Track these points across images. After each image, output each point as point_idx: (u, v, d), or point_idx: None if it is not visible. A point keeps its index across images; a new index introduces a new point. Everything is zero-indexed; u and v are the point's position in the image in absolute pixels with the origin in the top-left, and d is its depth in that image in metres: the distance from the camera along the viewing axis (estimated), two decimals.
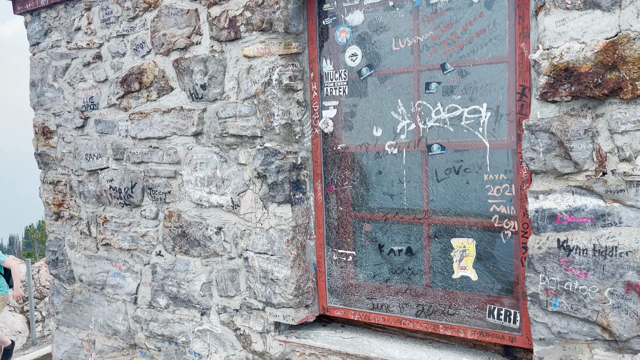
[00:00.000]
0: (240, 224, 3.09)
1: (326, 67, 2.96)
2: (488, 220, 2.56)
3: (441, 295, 2.73)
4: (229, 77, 3.03)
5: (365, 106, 2.88)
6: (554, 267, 2.15)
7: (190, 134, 3.22)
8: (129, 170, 3.57)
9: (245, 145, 3.02)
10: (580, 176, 2.07)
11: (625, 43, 1.93)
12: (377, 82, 2.84)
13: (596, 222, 2.06)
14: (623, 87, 1.94)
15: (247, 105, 2.97)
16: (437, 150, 2.67)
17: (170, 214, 3.37)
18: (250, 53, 2.93)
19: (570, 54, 2.03)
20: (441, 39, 2.63)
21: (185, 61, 3.19)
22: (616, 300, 2.03)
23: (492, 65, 2.50)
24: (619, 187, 2.00)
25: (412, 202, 2.80)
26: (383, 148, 2.84)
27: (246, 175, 3.03)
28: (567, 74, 2.04)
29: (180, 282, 3.39)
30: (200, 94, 3.15)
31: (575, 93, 2.02)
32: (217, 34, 3.03)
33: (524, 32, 2.35)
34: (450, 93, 2.62)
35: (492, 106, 2.51)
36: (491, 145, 2.52)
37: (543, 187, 2.17)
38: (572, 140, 2.05)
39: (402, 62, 2.74)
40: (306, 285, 2.99)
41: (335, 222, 3.03)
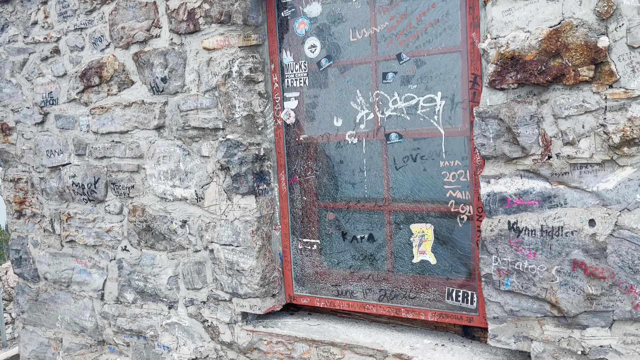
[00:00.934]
0: (204, 216, 3.10)
1: (286, 59, 2.99)
2: (445, 206, 2.64)
3: (402, 280, 2.80)
4: (189, 69, 3.03)
5: (326, 97, 2.92)
6: (505, 248, 2.24)
7: (152, 127, 3.21)
8: (91, 166, 3.54)
9: (207, 138, 3.03)
10: (528, 160, 2.16)
11: (567, 31, 2.01)
12: (336, 72, 2.88)
13: (543, 204, 2.15)
14: (565, 73, 2.02)
15: (208, 97, 2.98)
16: (395, 138, 2.74)
17: (135, 208, 3.36)
18: (210, 45, 2.93)
19: (516, 43, 2.11)
20: (397, 29, 2.68)
21: (145, 54, 3.18)
22: (563, 278, 2.13)
23: (446, 54, 2.56)
24: (563, 170, 2.09)
25: (373, 190, 2.86)
26: (344, 138, 2.89)
27: (209, 168, 3.04)
28: (513, 62, 2.11)
29: (147, 276, 3.39)
30: (161, 87, 3.15)
31: (521, 80, 2.10)
32: (176, 26, 3.03)
33: (474, 22, 2.42)
34: (407, 82, 2.68)
35: (446, 95, 2.58)
36: (446, 132, 2.59)
37: (494, 171, 2.25)
38: (519, 125, 2.13)
39: (360, 53, 2.79)
40: (272, 275, 3.03)
41: (299, 211, 3.07)
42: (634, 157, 1.95)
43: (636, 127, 1.91)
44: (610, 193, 2.01)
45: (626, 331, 2.05)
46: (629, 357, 2.05)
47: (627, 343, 2.05)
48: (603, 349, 2.10)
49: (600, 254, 2.05)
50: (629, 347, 2.05)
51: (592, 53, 1.96)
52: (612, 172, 2.01)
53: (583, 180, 2.06)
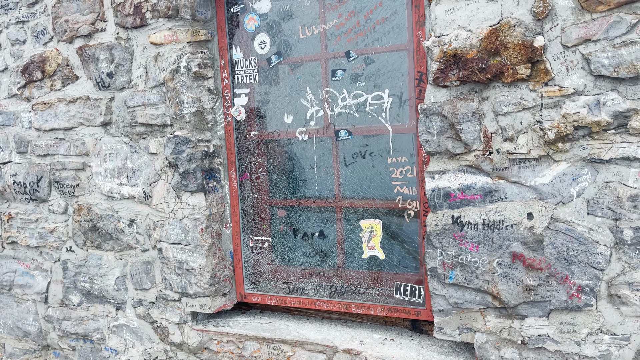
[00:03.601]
0: (153, 214, 3.04)
1: (236, 55, 2.96)
2: (393, 202, 2.67)
3: (353, 276, 2.82)
4: (136, 64, 2.96)
5: (276, 93, 2.91)
6: (450, 242, 2.28)
7: (98, 124, 3.12)
8: (34, 164, 3.41)
9: (155, 135, 2.97)
10: (470, 156, 2.21)
11: (506, 30, 2.07)
12: (287, 69, 2.87)
13: (485, 198, 2.21)
14: (504, 71, 2.09)
15: (156, 93, 2.92)
16: (345, 135, 2.75)
17: (80, 207, 3.26)
18: (158, 40, 2.88)
19: (458, 41, 2.16)
20: (345, 27, 2.70)
21: (90, 49, 3.08)
22: (504, 270, 2.19)
23: (394, 52, 2.60)
24: (503, 165, 2.16)
25: (323, 187, 2.87)
26: (294, 135, 2.89)
27: (157, 165, 2.98)
28: (456, 60, 2.16)
29: (93, 277, 3.29)
30: (107, 83, 3.06)
31: (463, 78, 2.15)
32: (122, 20, 2.95)
33: (420, 20, 2.46)
34: (356, 80, 2.71)
35: (394, 92, 2.62)
36: (394, 129, 2.63)
37: (438, 167, 2.30)
38: (462, 122, 2.18)
39: (310, 50, 2.79)
40: (222, 274, 2.99)
41: (250, 209, 3.05)
42: (568, 153, 2.03)
43: (570, 124, 1.98)
44: (546, 187, 2.09)
45: (562, 320, 2.13)
46: (565, 345, 2.13)
47: (563, 332, 2.13)
48: (541, 338, 2.17)
49: (537, 246, 2.12)
50: (565, 336, 2.13)
51: (529, 52, 2.03)
52: (548, 167, 2.08)
53: (522, 175, 2.13)
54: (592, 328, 2.09)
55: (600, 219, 2.02)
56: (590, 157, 2.00)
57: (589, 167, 2.01)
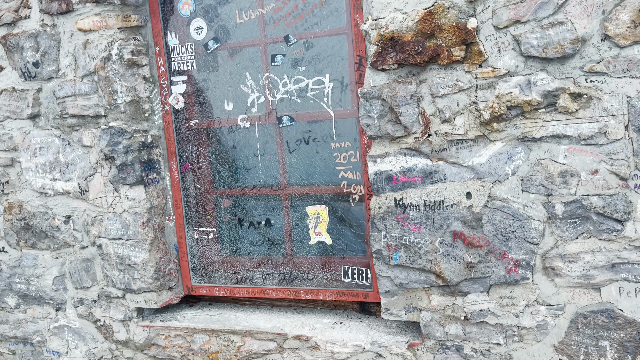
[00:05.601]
0: (90, 210, 2.91)
1: (172, 41, 2.86)
2: (338, 187, 2.67)
3: (300, 262, 2.82)
4: (64, 52, 2.81)
5: (215, 80, 2.83)
6: (393, 224, 2.31)
7: (26, 116, 2.95)
8: None
9: (89, 126, 2.83)
10: (410, 139, 2.24)
11: (440, 12, 2.09)
12: (225, 55, 2.80)
13: (425, 180, 2.24)
14: (440, 54, 2.11)
15: (87, 82, 2.78)
16: (287, 122, 2.72)
17: (11, 205, 3.08)
18: (86, 26, 2.73)
19: (394, 24, 2.16)
20: (284, 10, 2.65)
21: (14, 37, 2.89)
22: (445, 249, 2.24)
23: (333, 36, 2.58)
24: (442, 147, 2.19)
25: (268, 174, 2.83)
26: (236, 122, 2.83)
27: (92, 158, 2.85)
28: (393, 43, 2.17)
29: (29, 278, 3.13)
30: (33, 73, 2.88)
31: (401, 61, 2.16)
32: (47, 6, 2.78)
33: (357, 3, 2.45)
34: (296, 65, 2.67)
35: (335, 77, 2.60)
36: (336, 115, 2.62)
37: (380, 151, 2.31)
38: (401, 105, 2.20)
39: (248, 35, 2.73)
40: (167, 267, 2.92)
41: (194, 200, 2.97)
42: (502, 132, 2.08)
43: (503, 104, 2.03)
44: (483, 167, 2.14)
45: (502, 294, 2.21)
46: (505, 318, 2.21)
47: (502, 305, 2.21)
48: (482, 313, 2.24)
49: (476, 224, 2.18)
50: (505, 309, 2.21)
51: (463, 34, 2.06)
52: (484, 147, 2.13)
53: (460, 155, 2.17)
54: (529, 300, 2.17)
55: (533, 196, 2.09)
56: (523, 136, 2.06)
57: (523, 146, 2.07)
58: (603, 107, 1.93)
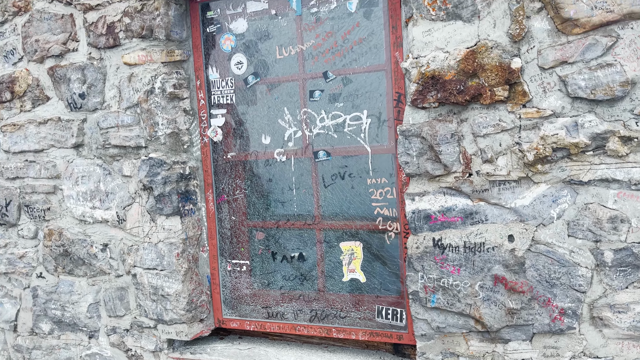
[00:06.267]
0: (127, 239, 2.94)
1: (212, 75, 2.91)
2: (373, 223, 2.63)
3: (333, 299, 2.77)
4: (109, 85, 2.89)
5: (254, 114, 2.86)
6: (431, 265, 2.25)
7: (70, 145, 3.03)
8: (2, 187, 3.29)
9: (129, 156, 2.89)
10: (450, 178, 2.19)
11: (483, 52, 2.07)
12: (264, 90, 2.83)
13: (466, 220, 2.18)
14: (482, 93, 2.08)
15: (129, 114, 2.85)
16: (324, 156, 2.71)
17: (51, 232, 3.14)
18: (131, 60, 2.81)
19: (436, 63, 2.15)
20: (323, 47, 2.67)
21: (62, 69, 3.00)
22: (486, 293, 2.16)
23: (372, 73, 2.58)
24: (483, 187, 2.14)
25: (302, 208, 2.82)
26: (272, 156, 2.84)
27: (132, 188, 2.89)
28: (434, 82, 2.15)
29: (65, 304, 3.17)
30: (79, 104, 2.98)
31: (442, 99, 2.14)
32: (95, 40, 2.88)
33: (397, 41, 2.45)
34: (334, 100, 2.68)
35: (372, 112, 2.59)
36: (373, 150, 2.60)
37: (418, 189, 2.27)
38: (441, 144, 2.16)
39: (287, 70, 2.76)
40: (199, 299, 2.91)
41: (228, 232, 2.98)
42: (547, 174, 2.02)
43: (548, 145, 1.97)
44: (527, 209, 2.07)
45: (545, 344, 2.10)
46: None
47: (547, 356, 2.10)
48: None
49: (519, 268, 2.09)
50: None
51: (506, 74, 2.02)
52: (528, 188, 2.06)
53: (502, 196, 2.11)
54: (575, 351, 2.06)
55: (580, 241, 2.00)
56: (569, 179, 1.99)
57: (569, 189, 2.00)
58: None
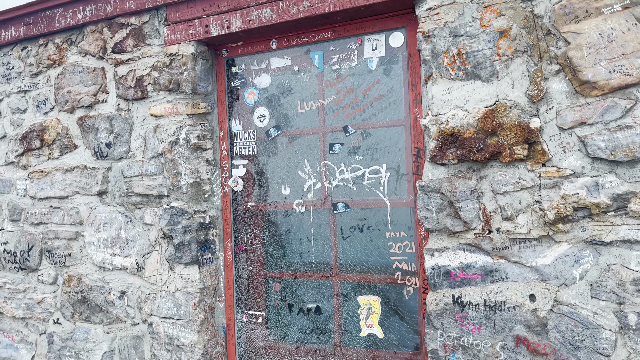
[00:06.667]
0: (145, 287, 2.96)
1: (235, 127, 2.99)
2: (391, 277, 2.62)
3: (350, 355, 2.72)
4: (135, 135, 2.98)
5: (274, 165, 2.92)
6: (451, 323, 2.21)
7: (94, 193, 3.10)
8: (26, 232, 3.35)
9: (151, 205, 2.94)
10: (470, 234, 2.19)
11: (502, 111, 2.11)
12: (285, 142, 2.90)
13: (486, 278, 2.16)
14: (502, 151, 2.10)
15: (153, 164, 2.92)
16: (342, 208, 2.74)
17: (70, 278, 3.17)
18: (158, 112, 2.91)
19: (455, 120, 2.19)
20: (343, 102, 2.75)
21: (91, 119, 3.11)
22: (507, 354, 2.11)
23: (391, 128, 2.63)
24: (503, 245, 2.13)
25: (320, 260, 2.82)
26: (291, 206, 2.87)
27: (152, 236, 2.93)
28: (453, 139, 2.18)
29: (79, 352, 3.15)
30: (105, 153, 3.07)
31: (461, 157, 2.17)
32: (123, 92, 3.00)
33: (416, 98, 2.51)
34: (353, 154, 2.72)
35: (391, 166, 2.63)
36: (392, 203, 2.62)
37: (438, 244, 2.26)
38: (460, 200, 2.17)
39: (308, 124, 2.83)
40: (214, 350, 2.88)
41: (245, 282, 2.98)
42: (568, 234, 2.01)
43: (569, 205, 1.97)
44: (548, 268, 2.05)
45: None
46: None
47: None
48: None
49: (541, 329, 2.05)
50: None
51: (526, 133, 2.05)
52: (549, 247, 2.05)
53: (522, 255, 2.10)
54: None
55: (604, 303, 1.97)
56: (591, 239, 1.97)
57: (591, 249, 1.98)
58: None
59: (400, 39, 2.58)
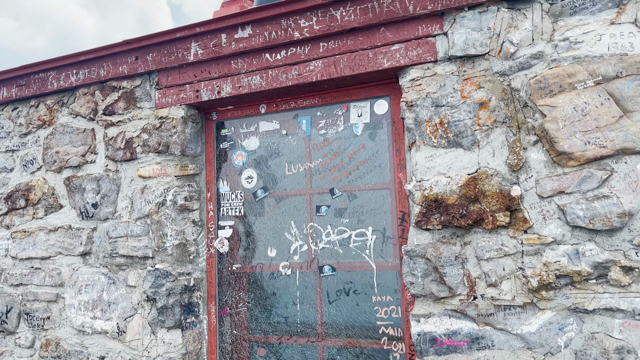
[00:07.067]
0: (125, 352, 2.88)
1: (223, 188, 3.02)
2: (377, 342, 2.58)
3: None
4: (122, 196, 2.99)
5: (261, 227, 2.93)
6: None
7: (78, 253, 3.07)
8: (4, 294, 3.28)
9: (135, 266, 2.91)
10: (455, 300, 2.19)
11: (484, 179, 2.17)
12: (272, 203, 2.92)
13: (472, 345, 2.15)
14: (485, 218, 2.15)
15: (139, 224, 2.91)
16: (329, 271, 2.73)
17: (48, 342, 3.08)
18: (146, 173, 2.93)
19: (438, 187, 2.24)
20: (330, 165, 2.80)
21: (78, 179, 3.12)
22: None
23: (377, 191, 2.68)
24: (489, 311, 2.13)
25: (306, 324, 2.78)
26: (277, 268, 2.86)
27: (135, 299, 2.88)
28: (437, 205, 2.23)
29: None
30: (91, 213, 3.06)
31: (445, 222, 2.20)
32: (112, 153, 3.03)
33: (401, 163, 2.58)
34: (340, 216, 2.75)
35: (377, 229, 2.65)
36: (378, 267, 2.63)
37: (423, 310, 2.26)
38: (445, 266, 2.19)
39: (295, 186, 2.87)
40: None
41: (229, 346, 2.91)
42: (552, 301, 2.02)
43: (551, 272, 2.00)
44: (533, 336, 2.05)
45: None
46: None
47: None
48: None
49: None
50: None
51: (507, 200, 2.10)
52: (533, 314, 2.06)
53: (508, 322, 2.10)
54: None
55: None
56: (574, 307, 1.99)
57: (574, 317, 2.00)
58: None
59: (385, 107, 2.67)
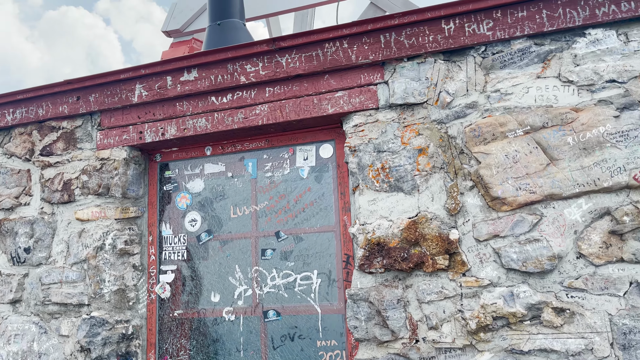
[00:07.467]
0: None
1: (165, 231, 2.95)
2: None
3: None
4: (58, 240, 2.86)
5: (204, 271, 2.86)
6: None
7: (7, 301, 2.89)
8: None
9: (69, 315, 2.77)
10: (398, 344, 2.20)
11: (424, 222, 2.22)
12: (216, 246, 2.87)
13: None
14: (425, 261, 2.19)
15: (75, 270, 2.79)
16: (273, 316, 2.69)
17: None
18: (84, 216, 2.83)
19: (381, 230, 2.28)
20: (276, 208, 2.80)
21: (10, 222, 2.97)
22: None
23: (322, 233, 2.69)
24: (430, 354, 2.15)
25: None
26: (221, 314, 2.79)
27: (67, 349, 2.72)
28: (380, 248, 2.26)
29: None
30: (23, 258, 2.90)
31: (387, 266, 2.23)
32: (49, 195, 2.91)
33: (345, 206, 2.61)
34: (285, 259, 2.74)
35: (322, 271, 2.65)
36: (323, 310, 2.61)
37: (367, 354, 2.25)
38: (388, 309, 2.21)
39: (241, 229, 2.84)
40: None
41: None
42: (490, 343, 2.07)
43: (488, 314, 2.06)
44: None
45: None
46: None
47: None
48: None
49: None
50: None
51: (446, 244, 2.16)
52: (472, 357, 2.10)
53: None
54: None
55: None
56: (511, 348, 2.04)
57: (511, 358, 2.04)
58: (587, 323, 1.96)
59: (330, 151, 2.72)
